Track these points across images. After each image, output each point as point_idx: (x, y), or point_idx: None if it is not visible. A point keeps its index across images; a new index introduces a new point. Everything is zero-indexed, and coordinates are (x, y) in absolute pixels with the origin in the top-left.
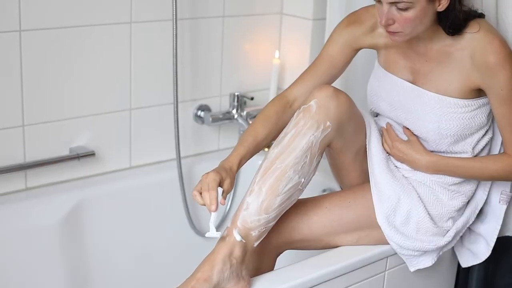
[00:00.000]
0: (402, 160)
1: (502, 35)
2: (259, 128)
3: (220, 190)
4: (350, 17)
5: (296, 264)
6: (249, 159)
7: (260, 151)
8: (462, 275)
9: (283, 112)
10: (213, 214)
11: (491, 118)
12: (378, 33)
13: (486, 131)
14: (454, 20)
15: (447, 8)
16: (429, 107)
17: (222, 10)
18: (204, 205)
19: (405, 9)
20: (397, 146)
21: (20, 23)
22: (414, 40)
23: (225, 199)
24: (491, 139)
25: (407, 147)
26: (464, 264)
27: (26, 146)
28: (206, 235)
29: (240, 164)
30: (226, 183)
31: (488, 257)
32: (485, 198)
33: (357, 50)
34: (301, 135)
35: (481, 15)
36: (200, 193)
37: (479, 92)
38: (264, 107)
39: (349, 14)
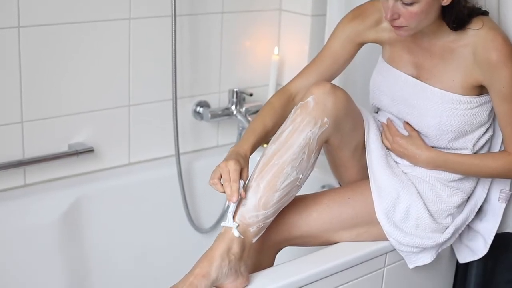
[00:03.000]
0: (402, 155)
1: (505, 33)
2: (266, 119)
3: (241, 182)
4: (355, 11)
5: (294, 260)
6: (257, 148)
7: (258, 148)
8: (461, 272)
9: (287, 105)
10: (232, 205)
11: (492, 116)
12: (382, 28)
13: (487, 129)
14: (458, 15)
15: (452, 2)
16: (431, 102)
17: (221, 6)
18: (223, 192)
19: (411, 4)
20: (398, 141)
21: (19, 19)
22: (418, 35)
23: (244, 191)
24: (492, 137)
25: (408, 142)
26: (462, 260)
27: (24, 142)
28: (222, 224)
29: (252, 152)
30: (245, 173)
31: (487, 254)
32: (484, 196)
33: (361, 44)
34: (299, 131)
35: (485, 13)
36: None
37: (481, 89)
38: (269, 100)
39: (355, 8)
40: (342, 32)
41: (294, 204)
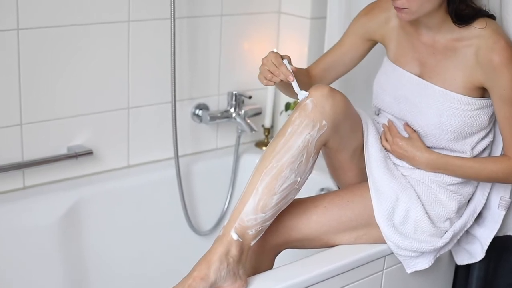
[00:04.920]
0: (402, 157)
1: (508, 36)
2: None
3: (285, 61)
4: (368, 7)
5: (293, 263)
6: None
7: (257, 151)
8: (462, 274)
9: (308, 77)
10: (294, 83)
11: (493, 121)
12: (391, 26)
13: (487, 134)
14: (461, 6)
15: None
16: (432, 100)
17: (220, 8)
18: (281, 81)
19: None
20: (398, 142)
21: (18, 21)
22: (423, 30)
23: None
24: (492, 143)
25: (408, 144)
26: (460, 262)
27: (24, 145)
28: (299, 99)
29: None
30: (283, 55)
31: (489, 256)
32: (484, 202)
33: (369, 41)
34: (297, 134)
35: (492, 16)
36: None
37: (483, 92)
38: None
39: (369, 3)
40: (353, 26)
41: (293, 207)
